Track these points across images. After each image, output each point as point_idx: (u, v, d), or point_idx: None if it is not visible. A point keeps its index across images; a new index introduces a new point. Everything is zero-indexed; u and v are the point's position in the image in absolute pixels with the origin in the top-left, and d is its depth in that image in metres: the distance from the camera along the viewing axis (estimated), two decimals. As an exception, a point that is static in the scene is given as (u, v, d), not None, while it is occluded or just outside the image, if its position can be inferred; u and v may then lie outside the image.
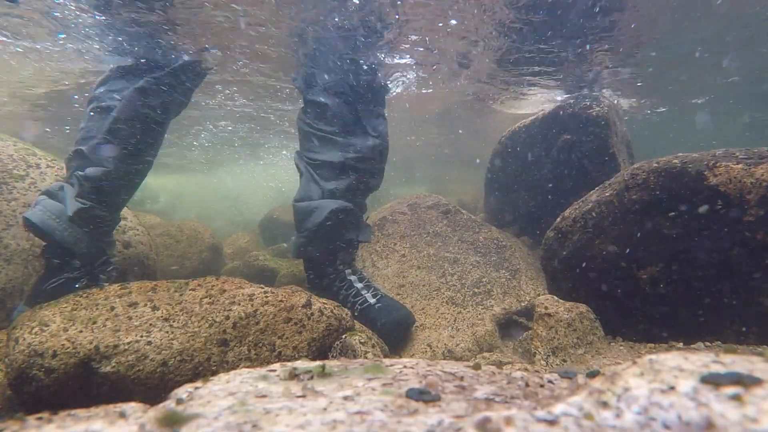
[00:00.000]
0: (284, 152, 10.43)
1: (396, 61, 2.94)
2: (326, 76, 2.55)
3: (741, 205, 1.55)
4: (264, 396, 0.61)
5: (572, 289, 1.96)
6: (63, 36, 2.99)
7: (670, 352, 0.59)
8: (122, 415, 0.61)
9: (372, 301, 2.20)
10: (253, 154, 10.80)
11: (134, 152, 2.14)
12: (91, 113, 2.15)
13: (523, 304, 2.54)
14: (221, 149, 9.57)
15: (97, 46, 3.10)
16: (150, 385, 1.35)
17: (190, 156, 10.45)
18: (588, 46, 3.63)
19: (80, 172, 2.05)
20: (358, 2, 2.43)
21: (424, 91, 4.13)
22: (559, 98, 5.17)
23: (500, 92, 5.05)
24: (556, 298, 1.80)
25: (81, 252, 2.05)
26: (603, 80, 4.74)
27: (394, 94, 4.23)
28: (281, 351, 1.54)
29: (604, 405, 0.50)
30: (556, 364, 1.60)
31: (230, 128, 7.05)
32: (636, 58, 4.03)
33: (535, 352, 1.66)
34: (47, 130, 7.07)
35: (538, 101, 5.55)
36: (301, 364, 0.74)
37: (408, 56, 3.12)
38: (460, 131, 7.83)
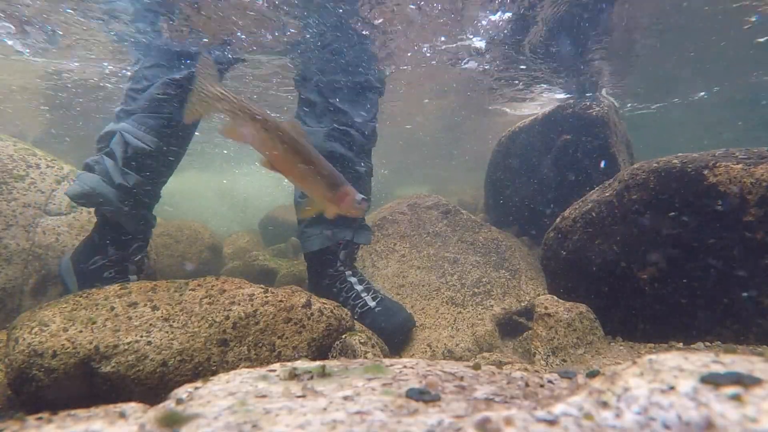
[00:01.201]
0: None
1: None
2: (319, 74, 2.57)
3: (741, 205, 1.55)
4: (264, 396, 0.61)
5: (572, 289, 1.96)
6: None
7: (670, 352, 0.59)
8: (122, 415, 0.61)
9: (372, 304, 2.20)
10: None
11: (171, 129, 2.20)
12: (129, 93, 2.21)
13: (523, 304, 2.54)
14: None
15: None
16: (150, 385, 1.35)
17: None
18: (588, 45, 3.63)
19: (123, 140, 2.11)
20: None
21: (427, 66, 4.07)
22: (559, 98, 5.18)
23: (501, 89, 5.05)
24: (556, 298, 1.80)
25: (125, 225, 2.11)
26: (602, 79, 4.74)
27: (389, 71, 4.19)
28: (281, 351, 1.54)
29: (604, 405, 0.50)
30: (556, 364, 1.60)
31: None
32: (633, 55, 4.05)
33: (535, 352, 1.66)
34: (53, 131, 7.08)
35: (538, 101, 5.56)
36: (301, 364, 0.74)
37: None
38: (464, 117, 7.81)
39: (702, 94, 5.66)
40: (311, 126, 2.47)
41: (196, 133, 2.46)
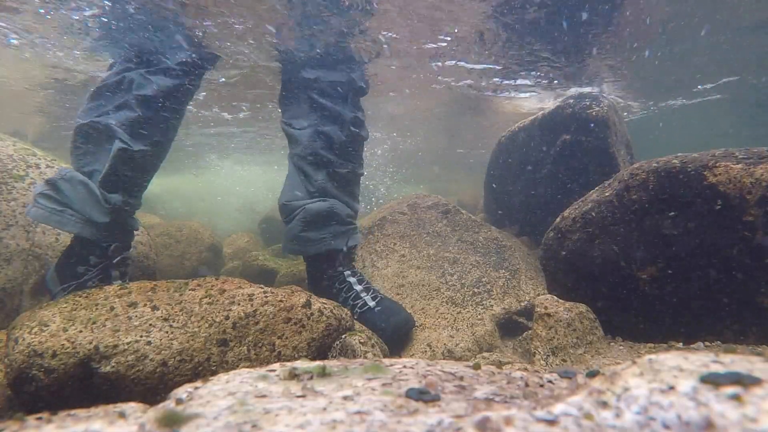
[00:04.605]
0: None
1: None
2: (303, 74, 2.58)
3: (740, 204, 1.55)
4: (264, 396, 0.61)
5: (572, 288, 1.96)
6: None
7: (670, 352, 0.59)
8: (122, 415, 0.61)
9: (372, 304, 2.19)
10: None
11: (160, 133, 2.19)
12: (103, 92, 2.17)
13: (522, 304, 2.54)
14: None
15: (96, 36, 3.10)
16: (150, 385, 1.35)
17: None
18: (588, 42, 3.63)
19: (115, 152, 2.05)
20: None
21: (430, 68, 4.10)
22: (558, 98, 5.18)
23: (500, 88, 5.05)
24: (555, 297, 1.80)
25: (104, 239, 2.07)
26: (602, 79, 4.74)
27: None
28: (281, 351, 1.54)
29: (604, 405, 0.50)
30: (556, 364, 1.60)
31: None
32: (634, 55, 4.05)
33: (534, 352, 1.66)
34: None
35: (538, 101, 5.56)
36: (301, 364, 0.74)
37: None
38: (463, 121, 7.82)
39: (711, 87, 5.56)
40: (297, 128, 2.48)
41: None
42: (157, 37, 2.72)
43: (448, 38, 3.35)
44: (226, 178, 17.04)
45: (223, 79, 4.34)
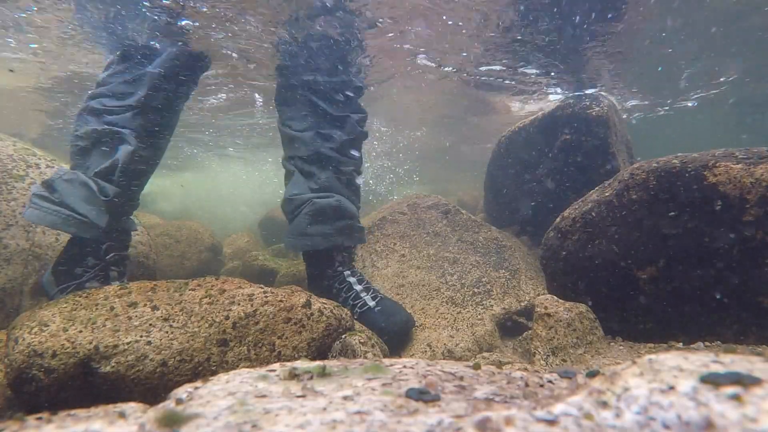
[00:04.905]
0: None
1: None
2: (301, 74, 2.59)
3: (740, 204, 1.55)
4: (264, 396, 0.61)
5: (572, 288, 1.96)
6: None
7: (670, 352, 0.59)
8: (122, 415, 0.61)
9: (372, 304, 2.19)
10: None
11: (157, 133, 2.22)
12: (102, 92, 2.19)
13: (522, 304, 2.54)
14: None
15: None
16: (150, 385, 1.35)
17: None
18: (587, 40, 3.63)
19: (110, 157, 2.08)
20: None
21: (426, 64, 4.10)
22: (558, 98, 5.18)
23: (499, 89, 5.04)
24: (555, 297, 1.80)
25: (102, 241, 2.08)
26: (602, 79, 4.74)
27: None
28: (281, 351, 1.54)
29: (604, 405, 0.50)
30: (556, 364, 1.60)
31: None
32: (633, 55, 4.04)
33: (534, 352, 1.66)
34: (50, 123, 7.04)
35: (538, 101, 5.56)
36: (301, 364, 0.74)
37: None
38: (465, 123, 7.81)
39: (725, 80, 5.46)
40: (297, 130, 2.49)
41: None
42: (149, 34, 2.73)
43: (448, 31, 3.35)
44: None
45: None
